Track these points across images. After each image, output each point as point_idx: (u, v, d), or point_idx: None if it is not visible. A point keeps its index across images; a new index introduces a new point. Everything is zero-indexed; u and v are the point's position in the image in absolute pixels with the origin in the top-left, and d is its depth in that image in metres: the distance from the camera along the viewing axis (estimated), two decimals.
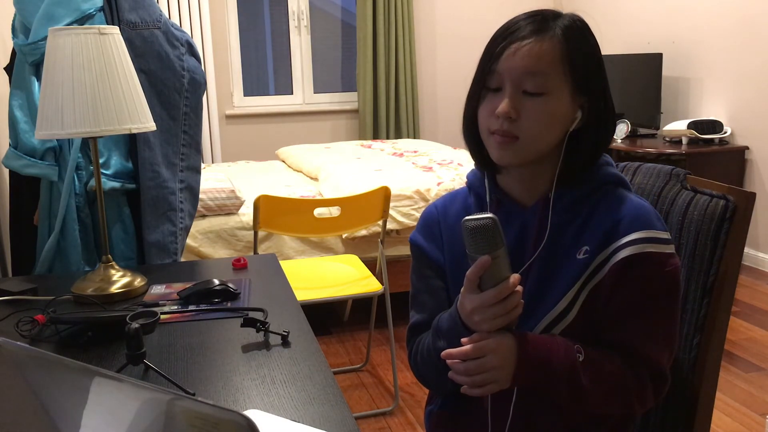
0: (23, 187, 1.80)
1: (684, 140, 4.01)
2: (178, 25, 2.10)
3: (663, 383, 1.07)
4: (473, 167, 1.17)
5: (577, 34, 1.03)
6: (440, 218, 1.18)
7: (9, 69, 1.81)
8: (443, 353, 1.01)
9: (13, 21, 1.75)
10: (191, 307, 1.43)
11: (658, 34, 4.61)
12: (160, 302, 1.46)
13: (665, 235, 1.04)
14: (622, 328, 1.04)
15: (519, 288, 0.97)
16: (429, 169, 3.45)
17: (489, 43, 1.05)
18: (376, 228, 2.92)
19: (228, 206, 3.00)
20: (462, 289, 1.00)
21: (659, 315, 1.04)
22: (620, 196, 1.07)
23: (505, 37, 1.03)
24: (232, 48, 5.23)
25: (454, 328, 1.03)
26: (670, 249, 1.04)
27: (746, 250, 3.95)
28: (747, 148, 3.97)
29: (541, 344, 1.01)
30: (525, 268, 1.07)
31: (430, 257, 1.16)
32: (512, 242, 1.09)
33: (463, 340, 1.00)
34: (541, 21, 1.03)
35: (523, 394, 1.08)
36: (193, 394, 1.06)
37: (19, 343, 0.70)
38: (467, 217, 0.96)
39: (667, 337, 1.05)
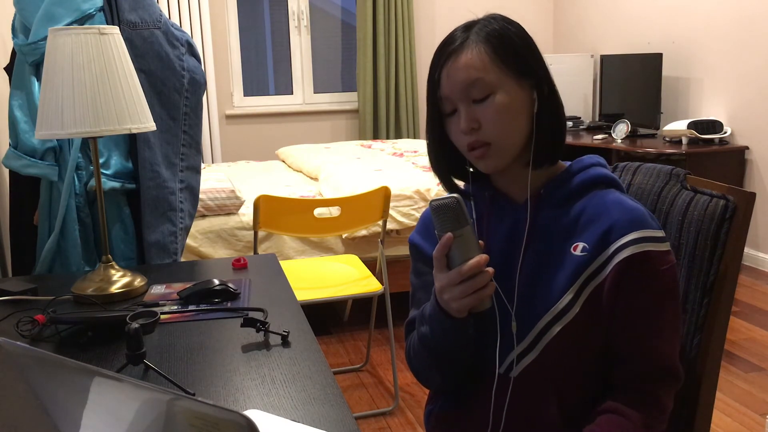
0: (23, 187, 1.80)
1: (684, 140, 4.01)
2: (178, 25, 2.10)
3: (678, 382, 1.09)
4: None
5: (495, 28, 1.07)
6: None
7: (9, 69, 1.81)
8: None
9: (13, 21, 1.75)
10: (191, 307, 1.43)
11: (658, 34, 4.61)
12: (160, 302, 1.46)
13: (660, 233, 1.06)
14: (633, 330, 1.06)
15: (490, 270, 1.01)
16: (429, 169, 3.44)
17: (429, 70, 1.11)
18: (376, 228, 2.92)
19: (228, 206, 2.99)
20: (434, 269, 1.05)
21: (665, 312, 1.07)
22: (613, 198, 1.09)
23: (438, 61, 1.09)
24: (232, 48, 5.23)
25: (434, 312, 1.07)
26: (667, 247, 1.06)
27: (746, 250, 3.95)
28: (747, 148, 3.97)
29: None
30: (520, 261, 1.10)
31: (426, 253, 1.18)
32: (505, 237, 1.13)
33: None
34: (462, 33, 1.08)
35: (519, 392, 1.09)
36: (193, 394, 1.05)
37: (19, 343, 0.70)
38: (433, 198, 1.02)
39: (674, 332, 1.08)
